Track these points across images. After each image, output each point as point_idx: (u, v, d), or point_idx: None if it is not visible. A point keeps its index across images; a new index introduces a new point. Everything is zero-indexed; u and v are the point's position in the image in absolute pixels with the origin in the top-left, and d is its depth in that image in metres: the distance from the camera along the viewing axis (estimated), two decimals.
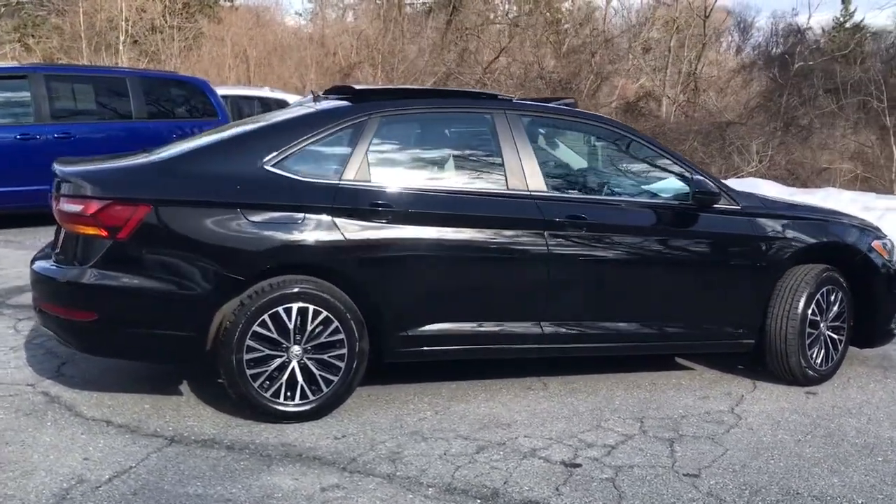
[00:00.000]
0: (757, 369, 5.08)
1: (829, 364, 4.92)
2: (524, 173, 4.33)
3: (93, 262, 3.79)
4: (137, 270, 3.78)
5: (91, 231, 3.79)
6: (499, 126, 4.38)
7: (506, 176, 4.32)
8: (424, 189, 4.23)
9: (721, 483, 3.58)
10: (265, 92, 15.64)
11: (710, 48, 29.09)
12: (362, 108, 4.24)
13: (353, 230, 3.99)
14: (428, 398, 4.43)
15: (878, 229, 5.25)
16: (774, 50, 35.56)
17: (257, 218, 3.86)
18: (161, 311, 3.82)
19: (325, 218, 3.95)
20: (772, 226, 4.75)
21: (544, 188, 4.36)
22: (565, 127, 4.84)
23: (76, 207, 3.83)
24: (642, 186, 4.79)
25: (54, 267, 3.99)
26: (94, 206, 3.76)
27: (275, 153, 4.01)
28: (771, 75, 29.71)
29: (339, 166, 4.09)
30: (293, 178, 3.99)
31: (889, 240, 5.20)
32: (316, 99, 4.74)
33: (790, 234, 4.78)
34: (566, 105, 4.75)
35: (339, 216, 3.97)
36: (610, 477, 3.58)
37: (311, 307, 3.92)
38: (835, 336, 4.92)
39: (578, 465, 3.69)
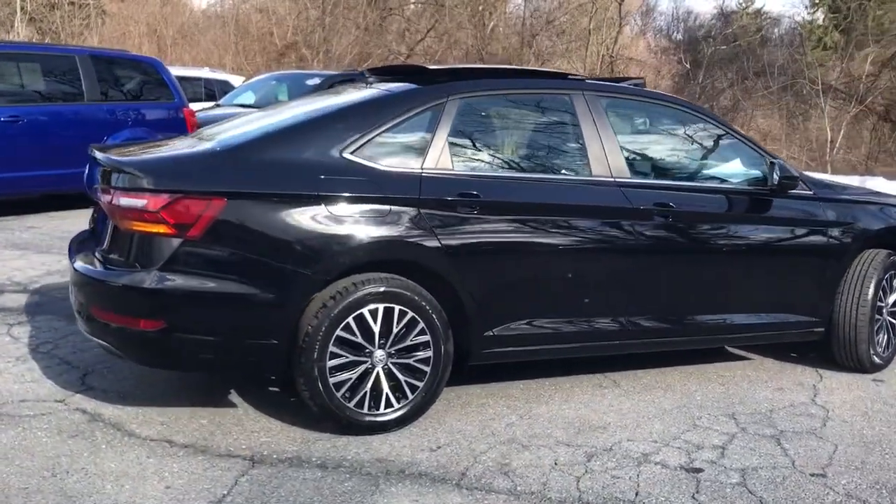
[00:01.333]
0: (810, 356, 4.99)
1: (890, 350, 4.86)
2: (607, 158, 4.05)
3: (159, 264, 3.32)
4: (212, 273, 3.34)
5: (156, 229, 3.32)
6: (578, 108, 4.09)
7: (589, 161, 4.04)
8: (508, 177, 3.92)
9: (853, 482, 3.42)
10: (206, 72, 14.92)
11: (619, 31, 29.32)
12: (440, 89, 3.88)
13: (441, 223, 3.64)
14: (503, 400, 4.14)
15: None
16: (675, 34, 36.30)
17: (343, 211, 3.47)
18: (240, 317, 3.39)
19: (412, 210, 3.59)
20: (844, 211, 4.63)
21: (628, 174, 4.10)
22: (641, 108, 4.57)
23: (137, 202, 3.34)
24: (711, 171, 4.59)
25: (107, 268, 3.50)
26: (161, 201, 3.30)
27: (352, 140, 3.61)
28: (678, 58, 30.23)
29: (420, 154, 3.72)
30: (376, 168, 3.60)
31: None
32: (366, 80, 4.35)
33: (860, 219, 4.67)
34: (636, 85, 4.48)
35: (425, 208, 3.61)
36: (739, 481, 3.37)
37: (397, 307, 3.57)
38: (894, 321, 4.86)
39: (700, 470, 3.46)
